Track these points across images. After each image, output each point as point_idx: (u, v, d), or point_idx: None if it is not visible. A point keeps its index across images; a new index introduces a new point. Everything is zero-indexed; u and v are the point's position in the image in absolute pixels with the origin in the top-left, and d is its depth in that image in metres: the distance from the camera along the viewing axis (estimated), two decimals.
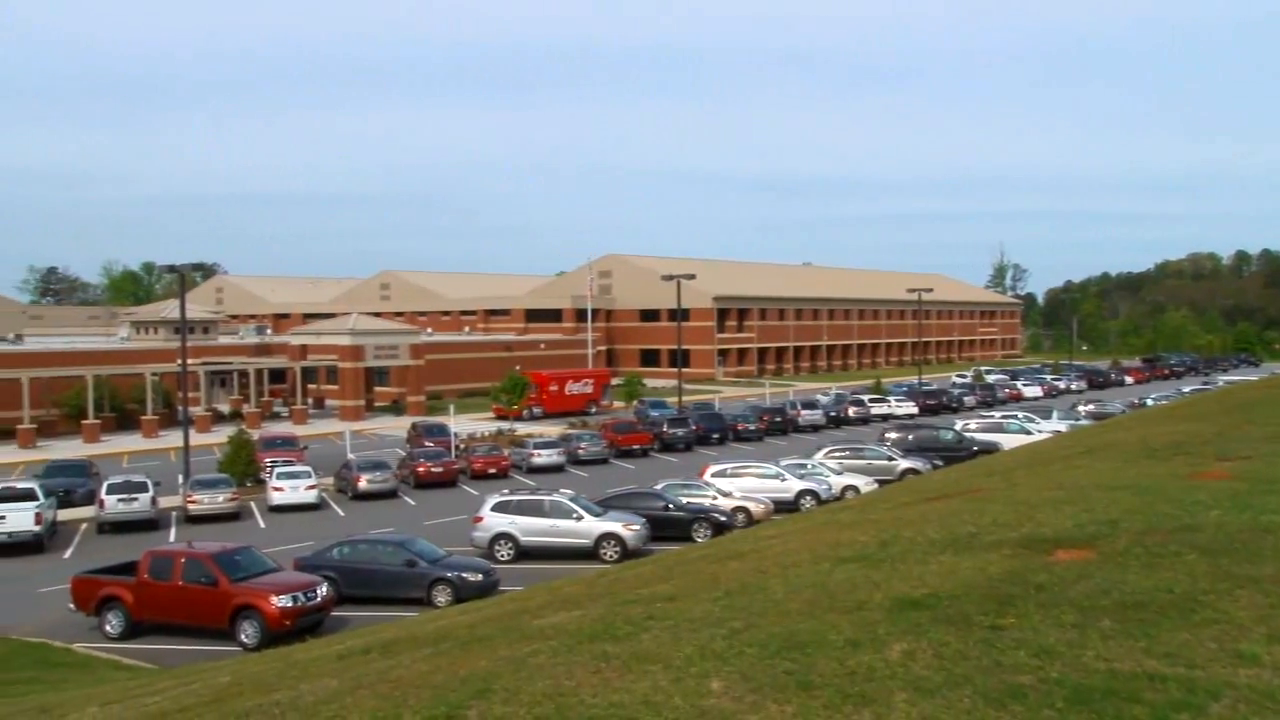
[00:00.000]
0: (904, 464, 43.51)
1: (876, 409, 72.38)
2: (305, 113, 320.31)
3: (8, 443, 60.46)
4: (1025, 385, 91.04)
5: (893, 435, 51.72)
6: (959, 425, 54.70)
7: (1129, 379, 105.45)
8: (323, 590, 24.33)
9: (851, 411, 71.22)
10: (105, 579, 25.10)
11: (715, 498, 36.18)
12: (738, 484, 38.71)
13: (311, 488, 41.51)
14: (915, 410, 73.50)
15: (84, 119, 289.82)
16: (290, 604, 23.21)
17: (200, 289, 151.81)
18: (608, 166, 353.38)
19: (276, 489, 41.18)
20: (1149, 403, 65.22)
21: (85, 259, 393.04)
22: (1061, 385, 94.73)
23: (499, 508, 32.51)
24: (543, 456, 50.23)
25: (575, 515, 31.83)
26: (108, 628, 24.44)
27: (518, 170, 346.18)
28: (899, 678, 5.61)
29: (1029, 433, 50.31)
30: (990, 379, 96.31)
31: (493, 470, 48.47)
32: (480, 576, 26.65)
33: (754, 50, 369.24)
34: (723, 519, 33.68)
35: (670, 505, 34.29)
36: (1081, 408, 65.90)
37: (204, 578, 23.94)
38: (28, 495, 35.18)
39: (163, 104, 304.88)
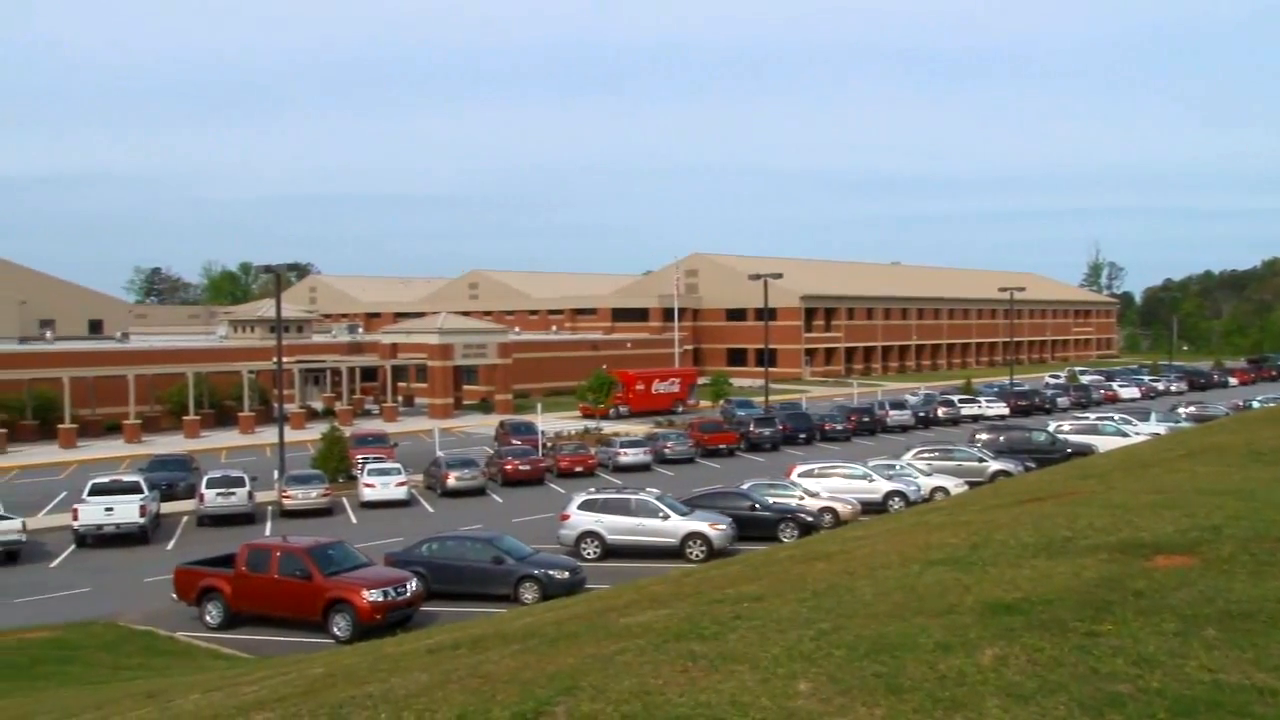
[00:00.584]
0: (995, 466, 42.72)
1: (966, 410, 71.31)
2: (398, 115, 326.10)
3: (114, 437, 62.55)
4: (1122, 386, 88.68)
5: (983, 436, 50.82)
6: (1052, 427, 53.52)
7: (1233, 380, 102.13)
8: (412, 585, 24.70)
9: (941, 412, 70.26)
10: (205, 570, 25.82)
11: (802, 498, 35.93)
12: (825, 484, 38.41)
13: (401, 484, 42.17)
14: (1006, 411, 72.16)
15: (186, 123, 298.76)
16: (381, 598, 23.61)
17: (295, 289, 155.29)
18: (695, 165, 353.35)
19: (368, 485, 41.92)
20: (1254, 405, 63.12)
21: (187, 260, 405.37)
22: (1160, 386, 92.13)
23: (585, 506, 32.69)
24: (629, 455, 50.37)
25: (661, 514, 31.86)
26: (208, 617, 25.14)
27: (605, 170, 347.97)
28: (991, 683, 5.51)
29: (1126, 435, 48.96)
30: (1085, 379, 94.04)
31: (579, 468, 48.76)
32: (567, 574, 26.82)
33: (843, 46, 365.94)
34: (809, 519, 33.44)
35: (756, 505, 34.14)
36: (1182, 410, 63.96)
37: (298, 571, 24.47)
38: (133, 489, 36.37)
39: (261, 108, 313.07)
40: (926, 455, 44.54)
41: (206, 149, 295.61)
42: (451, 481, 43.80)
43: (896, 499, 37.74)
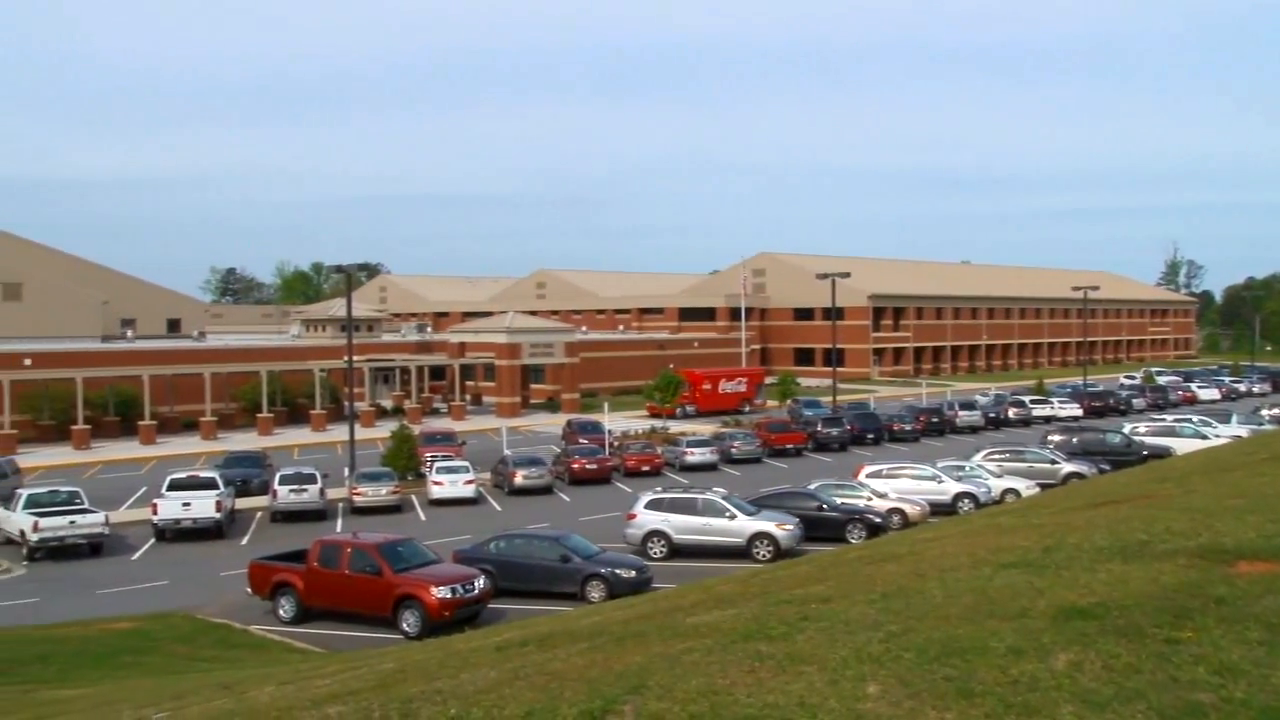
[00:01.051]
0: (1068, 468, 41.97)
1: (1038, 410, 70.23)
2: (466, 116, 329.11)
3: (191, 434, 63.99)
4: (1201, 387, 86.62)
5: (1056, 438, 49.96)
6: (1127, 428, 52.41)
7: None
8: (480, 583, 24.92)
9: (1012, 413, 69.29)
10: (278, 565, 26.28)
11: (870, 499, 35.64)
12: (893, 485, 38.05)
13: (470, 482, 42.56)
14: (1080, 412, 70.88)
15: (260, 127, 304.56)
16: (450, 595, 23.84)
17: (365, 288, 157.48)
18: (763, 164, 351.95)
19: (436, 483, 42.37)
20: None
21: (261, 260, 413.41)
22: (1242, 388, 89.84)
23: (652, 505, 32.72)
24: (696, 455, 50.35)
25: (728, 514, 31.79)
26: (280, 612, 25.59)
27: (673, 169, 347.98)
28: (1065, 689, 5.41)
29: (1205, 437, 47.78)
30: (1162, 380, 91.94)
31: (646, 468, 48.82)
32: (633, 573, 26.88)
33: (911, 44, 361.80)
34: (877, 520, 33.17)
35: (824, 505, 33.93)
36: (1265, 411, 62.29)
37: (369, 567, 24.80)
38: (209, 484, 37.18)
39: (333, 111, 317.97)
40: (997, 456, 43.92)
41: (280, 151, 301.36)
42: (519, 480, 44.11)
43: (966, 500, 37.28)
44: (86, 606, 26.88)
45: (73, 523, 33.13)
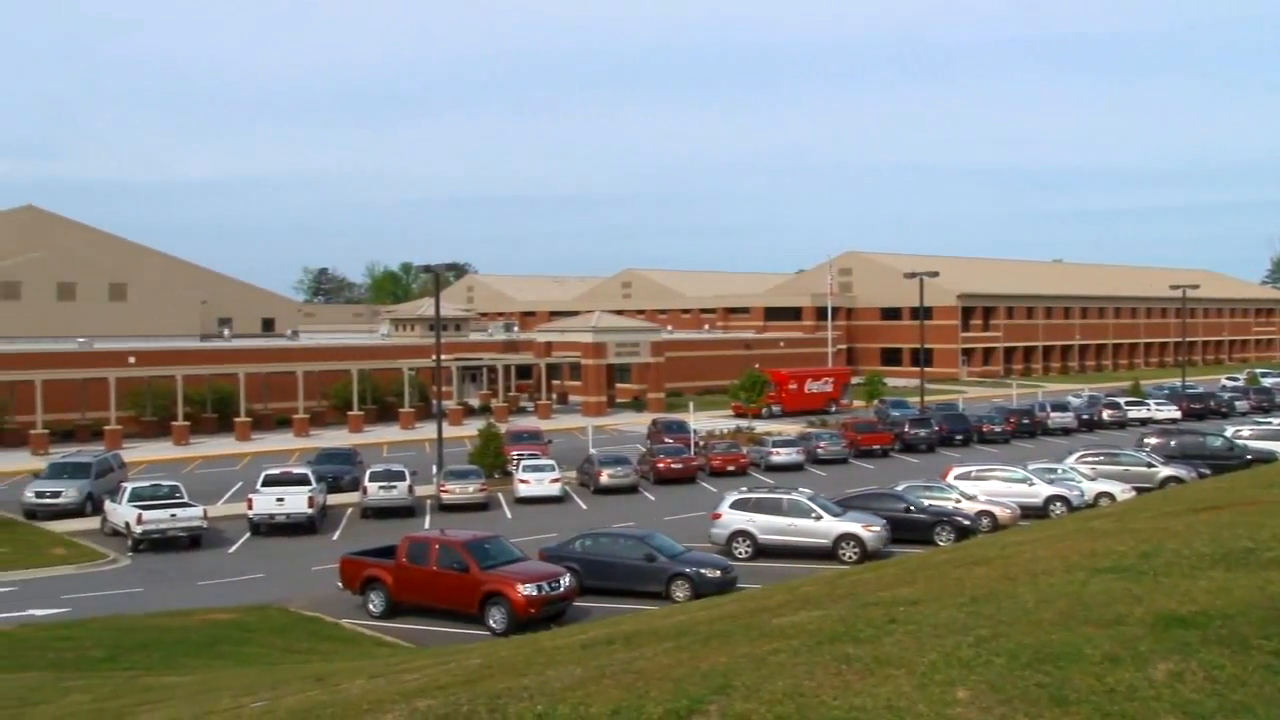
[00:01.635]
0: (1165, 471, 40.82)
1: (1134, 412, 68.43)
2: (554, 117, 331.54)
3: (284, 431, 65.49)
4: None
5: (1153, 440, 48.59)
6: (1229, 431, 50.71)
7: None
8: (566, 581, 25.07)
9: (1106, 414, 67.66)
10: (368, 561, 26.73)
11: (958, 501, 35.08)
12: (982, 487, 37.39)
13: (556, 481, 42.84)
14: (1178, 414, 68.78)
15: (350, 129, 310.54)
16: (536, 592, 24.03)
17: (453, 288, 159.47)
18: (849, 162, 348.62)
19: (523, 481, 42.74)
20: None
21: (351, 260, 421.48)
22: None
23: (738, 505, 32.61)
24: (781, 455, 50.08)
25: (814, 514, 31.56)
26: (370, 606, 26.03)
27: (758, 168, 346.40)
28: (1165, 700, 5.26)
29: None
30: (1267, 382, 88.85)
31: (731, 467, 48.68)
32: (718, 573, 26.82)
33: (998, 39, 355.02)
34: (966, 523, 32.64)
35: (911, 507, 33.49)
36: None
37: (456, 564, 25.11)
38: (302, 480, 37.98)
39: (421, 112, 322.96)
40: (1090, 459, 42.90)
41: (372, 154, 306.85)
42: (604, 479, 44.30)
43: (1058, 504, 36.48)
44: (187, 597, 27.68)
45: (173, 516, 34.15)
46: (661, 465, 47.04)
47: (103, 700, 14.37)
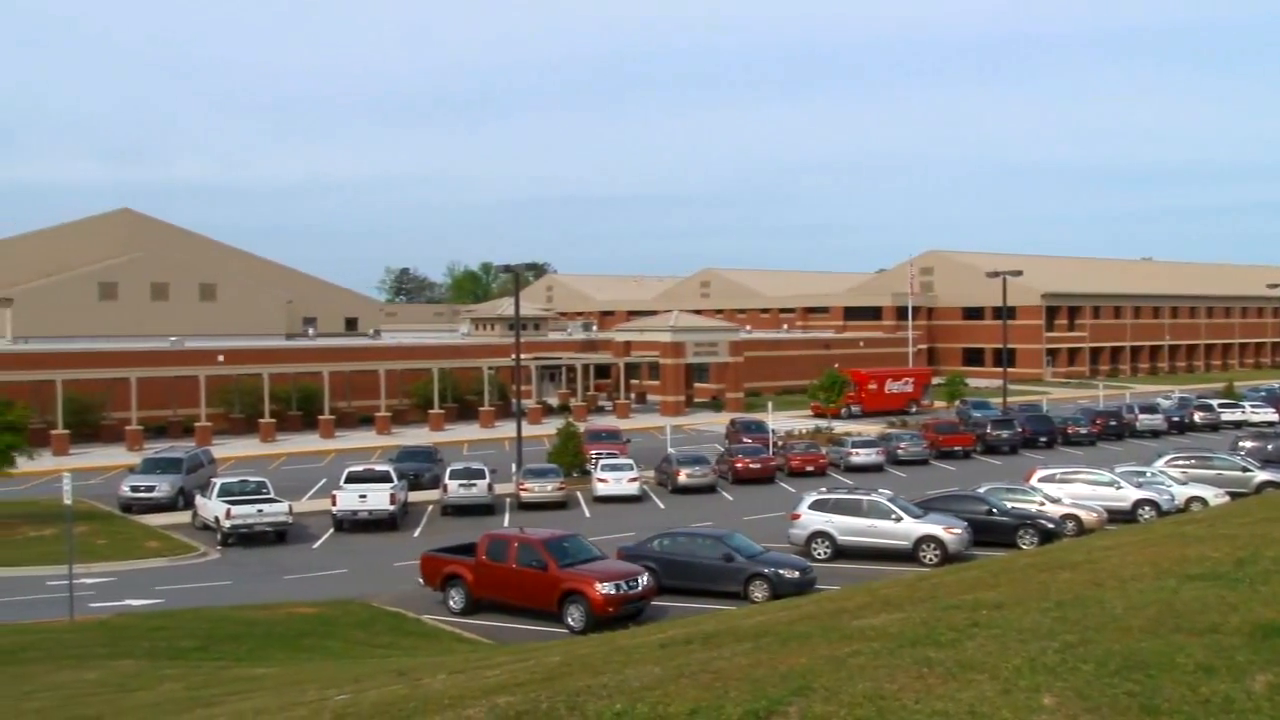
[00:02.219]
0: (1261, 476, 39.60)
1: (1228, 415, 66.63)
2: (632, 117, 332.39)
3: (367, 429, 66.61)
4: None
5: (1248, 444, 47.20)
6: None
7: None
8: (644, 580, 25.11)
9: (1198, 417, 65.91)
10: (449, 558, 27.06)
11: (1042, 504, 34.43)
12: (1067, 490, 36.63)
13: (634, 480, 42.94)
14: (1275, 417, 66.71)
15: (432, 130, 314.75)
16: (614, 591, 24.11)
17: (532, 288, 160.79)
18: (931, 160, 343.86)
19: (601, 480, 42.93)
20: None
21: (432, 260, 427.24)
22: None
23: (816, 506, 32.40)
24: (861, 455, 49.64)
25: (894, 516, 31.23)
26: (450, 603, 26.35)
27: (839, 167, 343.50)
28: (1265, 713, 5.10)
29: None
30: None
31: (810, 468, 48.39)
32: (797, 573, 26.67)
33: (1089, 33, 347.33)
34: (1050, 526, 32.03)
35: (994, 510, 32.95)
36: None
37: (535, 562, 25.30)
38: (384, 477, 38.58)
39: (500, 113, 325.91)
40: (1181, 463, 41.77)
41: (452, 155, 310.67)
42: (683, 478, 44.30)
43: (1147, 508, 35.60)
44: (273, 590, 28.31)
45: (260, 511, 34.94)
46: (740, 465, 46.91)
47: (195, 689, 14.77)
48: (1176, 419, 64.71)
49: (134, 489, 40.43)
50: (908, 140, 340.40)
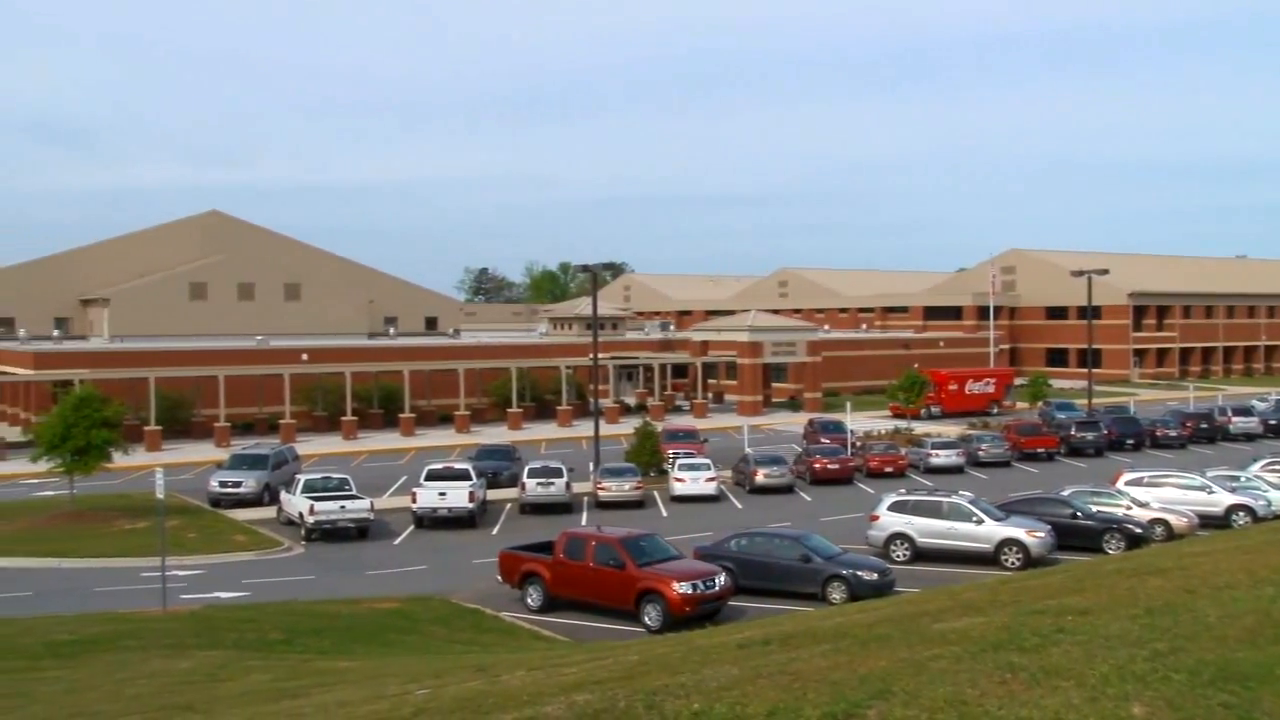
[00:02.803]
0: None
1: None
2: (710, 117, 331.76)
3: (446, 427, 67.43)
4: None
5: None
6: None
7: None
8: (721, 580, 25.05)
9: None
10: (527, 555, 27.27)
11: (1129, 508, 33.59)
12: (1156, 494, 35.69)
13: (711, 480, 42.87)
14: None
15: (511, 131, 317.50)
16: (691, 591, 24.08)
17: (609, 287, 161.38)
18: (1013, 157, 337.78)
19: (678, 480, 42.92)
20: None
21: (511, 260, 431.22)
22: None
23: (896, 507, 32.04)
24: (941, 457, 48.99)
25: (975, 518, 30.75)
26: (529, 600, 26.54)
27: (918, 165, 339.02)
28: None
29: None
30: None
31: (889, 469, 47.90)
32: (876, 575, 26.40)
33: (1173, 24, 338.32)
34: (1138, 531, 31.26)
35: (1078, 513, 32.26)
36: None
37: (612, 560, 25.38)
38: (463, 475, 39.04)
39: (579, 114, 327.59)
40: (1278, 467, 40.47)
41: (531, 155, 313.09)
42: (760, 478, 44.12)
43: (1241, 513, 34.57)
44: (355, 586, 28.82)
45: (343, 507, 35.57)
46: (818, 465, 46.58)
47: (281, 680, 15.10)
48: (1273, 422, 62.73)
49: (222, 484, 41.45)
50: (989, 137, 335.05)
